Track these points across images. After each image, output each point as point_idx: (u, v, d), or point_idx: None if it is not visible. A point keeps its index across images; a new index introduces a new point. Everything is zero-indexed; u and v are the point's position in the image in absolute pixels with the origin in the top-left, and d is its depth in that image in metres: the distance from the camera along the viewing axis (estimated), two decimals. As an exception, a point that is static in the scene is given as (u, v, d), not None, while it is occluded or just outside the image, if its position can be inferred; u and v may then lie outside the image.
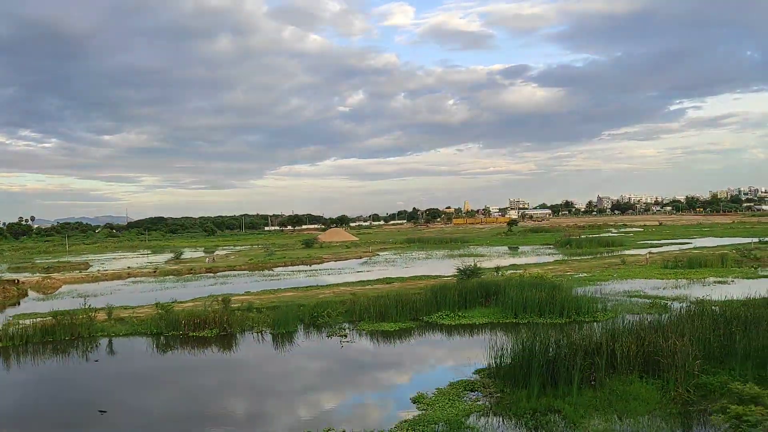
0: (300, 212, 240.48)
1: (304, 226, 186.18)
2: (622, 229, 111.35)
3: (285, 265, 55.69)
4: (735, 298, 23.26)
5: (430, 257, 59.41)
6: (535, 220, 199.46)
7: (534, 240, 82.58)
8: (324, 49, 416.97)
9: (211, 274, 49.76)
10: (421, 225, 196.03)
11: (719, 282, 31.48)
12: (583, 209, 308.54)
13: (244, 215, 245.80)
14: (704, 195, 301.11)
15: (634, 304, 24.92)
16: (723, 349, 14.48)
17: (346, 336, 20.64)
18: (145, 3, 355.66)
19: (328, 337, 20.71)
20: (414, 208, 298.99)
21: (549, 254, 57.44)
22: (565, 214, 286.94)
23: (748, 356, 13.78)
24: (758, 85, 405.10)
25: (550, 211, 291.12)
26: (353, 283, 36.44)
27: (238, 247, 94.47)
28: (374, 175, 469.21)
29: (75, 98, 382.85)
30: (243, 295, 32.24)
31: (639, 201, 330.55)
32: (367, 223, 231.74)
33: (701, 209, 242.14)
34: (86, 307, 23.38)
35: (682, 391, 12.77)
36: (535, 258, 52.89)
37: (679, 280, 32.88)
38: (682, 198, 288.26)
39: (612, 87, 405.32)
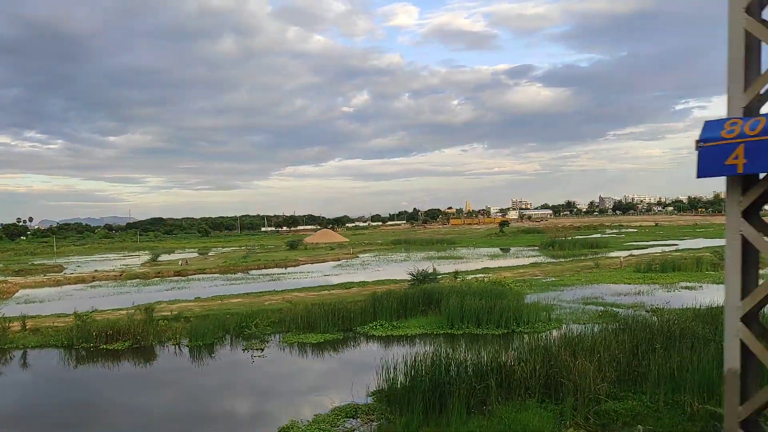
0: (304, 213, 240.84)
1: (299, 227, 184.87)
2: (618, 230, 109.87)
3: (258, 268, 54.41)
4: (689, 306, 21.89)
5: (409, 259, 57.97)
6: (533, 221, 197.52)
7: (522, 241, 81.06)
8: (327, 50, 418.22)
9: (180, 278, 48.54)
10: (419, 225, 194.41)
11: (686, 288, 29.96)
12: (585, 209, 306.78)
13: (245, 215, 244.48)
14: (708, 195, 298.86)
15: (586, 312, 23.49)
16: (640, 368, 13.03)
17: (263, 349, 19.27)
18: (148, 4, 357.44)
19: (244, 350, 19.34)
20: (415, 209, 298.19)
21: (529, 256, 55.96)
22: (566, 214, 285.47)
23: (662, 378, 12.32)
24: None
25: (551, 212, 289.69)
26: (311, 288, 35.06)
27: (226, 249, 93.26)
28: (378, 175, 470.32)
29: (79, 99, 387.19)
30: (192, 301, 30.98)
31: (642, 201, 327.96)
32: (365, 224, 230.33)
33: (703, 209, 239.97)
34: (1, 317, 22.13)
35: (581, 419, 11.36)
36: (512, 260, 51.38)
37: (647, 285, 31.42)
38: (685, 198, 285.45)
39: (617, 87, 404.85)
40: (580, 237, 76.86)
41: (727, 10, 3.62)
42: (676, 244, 62.07)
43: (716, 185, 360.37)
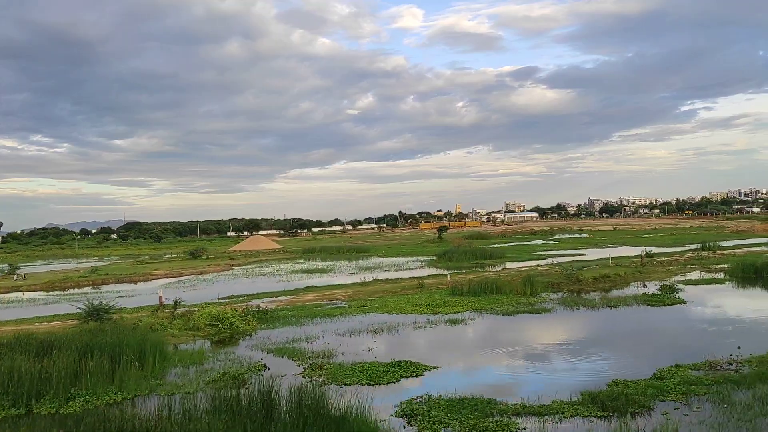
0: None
1: (261, 232, 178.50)
2: (570, 235, 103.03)
3: (95, 284, 47.84)
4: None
5: (275, 274, 51.22)
6: (506, 224, 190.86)
7: (445, 248, 74.12)
8: (333, 53, 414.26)
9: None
10: (387, 229, 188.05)
11: (451, 321, 23.12)
12: (573, 212, 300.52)
13: (232, 218, 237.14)
14: (701, 196, 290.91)
15: (221, 368, 16.81)
16: None
17: None
18: (157, 9, 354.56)
19: None
20: (400, 212, 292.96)
21: (410, 268, 49.05)
22: (553, 216, 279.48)
23: None
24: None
25: (537, 215, 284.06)
26: (46, 317, 28.49)
27: (145, 256, 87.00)
28: (385, 177, 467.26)
29: (87, 103, 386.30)
30: None
31: (634, 203, 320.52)
32: (340, 228, 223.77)
33: (690, 212, 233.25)
34: None
35: None
36: (360, 276, 44.38)
37: (421, 315, 24.69)
38: (686, 199, 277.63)
39: (623, 88, 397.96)
40: (495, 246, 69.83)
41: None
42: (583, 254, 55.08)
43: (724, 187, 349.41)
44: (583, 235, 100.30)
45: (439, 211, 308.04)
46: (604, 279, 32.38)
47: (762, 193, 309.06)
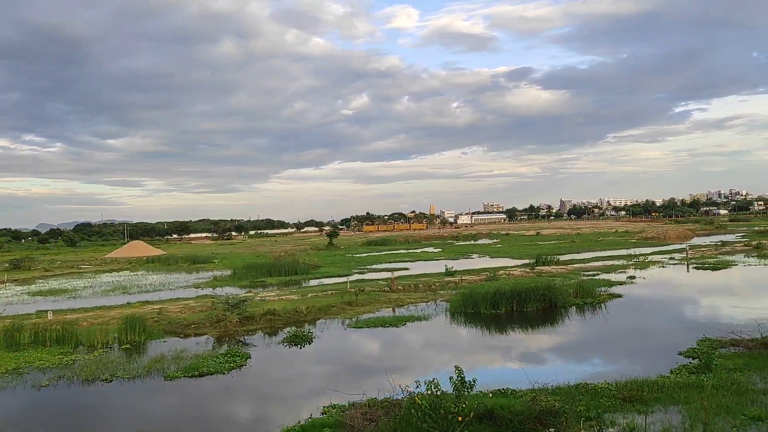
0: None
1: (192, 235, 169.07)
2: (492, 240, 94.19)
3: None
4: None
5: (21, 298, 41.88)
6: (455, 226, 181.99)
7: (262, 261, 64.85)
8: (328, 53, 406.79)
9: None
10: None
11: None
12: (543, 213, 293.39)
13: (200, 219, 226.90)
14: (685, 197, 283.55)
15: None
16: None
17: None
18: (150, 8, 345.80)
19: None
20: (367, 213, 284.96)
21: (165, 289, 39.76)
22: (523, 218, 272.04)
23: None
24: (764, 86, 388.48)
25: (505, 216, 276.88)
26: None
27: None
28: (380, 178, 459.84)
29: (80, 102, 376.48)
30: None
31: (609, 204, 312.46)
32: (290, 230, 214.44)
33: (656, 213, 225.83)
34: None
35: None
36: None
37: None
38: (680, 198, 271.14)
39: (617, 89, 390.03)
40: (363, 255, 60.52)
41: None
42: (407, 268, 45.74)
43: (706, 188, 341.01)
44: (495, 240, 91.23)
45: (413, 212, 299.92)
46: (264, 317, 23.08)
47: (741, 195, 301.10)
